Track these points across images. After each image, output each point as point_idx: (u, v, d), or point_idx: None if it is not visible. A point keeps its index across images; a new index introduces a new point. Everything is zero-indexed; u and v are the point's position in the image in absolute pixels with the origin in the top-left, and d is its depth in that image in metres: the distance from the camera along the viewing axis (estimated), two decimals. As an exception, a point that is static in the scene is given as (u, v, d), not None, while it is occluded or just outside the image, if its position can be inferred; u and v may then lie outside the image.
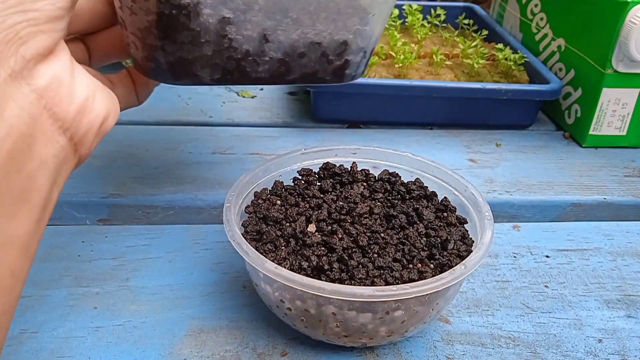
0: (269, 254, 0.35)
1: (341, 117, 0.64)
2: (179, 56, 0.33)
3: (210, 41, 0.33)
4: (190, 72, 0.34)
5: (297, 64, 0.36)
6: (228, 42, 0.33)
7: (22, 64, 0.24)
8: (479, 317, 0.40)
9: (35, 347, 0.35)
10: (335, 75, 0.37)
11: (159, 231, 0.47)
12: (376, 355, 0.36)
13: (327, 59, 0.36)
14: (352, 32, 0.36)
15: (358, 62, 0.38)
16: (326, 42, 0.35)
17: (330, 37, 0.35)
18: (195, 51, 0.33)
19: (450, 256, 0.36)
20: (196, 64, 0.34)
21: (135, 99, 0.38)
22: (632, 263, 0.46)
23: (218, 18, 0.32)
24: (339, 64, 0.37)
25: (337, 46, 0.36)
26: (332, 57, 0.36)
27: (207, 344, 0.36)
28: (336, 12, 0.35)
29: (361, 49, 0.37)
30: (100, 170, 0.53)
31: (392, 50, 0.66)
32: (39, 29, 0.24)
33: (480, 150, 0.60)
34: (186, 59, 0.33)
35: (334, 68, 0.37)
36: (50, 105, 0.25)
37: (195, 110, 0.66)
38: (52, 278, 0.41)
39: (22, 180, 0.25)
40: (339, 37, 0.35)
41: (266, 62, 0.35)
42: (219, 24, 0.33)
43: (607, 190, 0.54)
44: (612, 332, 0.39)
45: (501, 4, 0.82)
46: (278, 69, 0.35)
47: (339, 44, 0.36)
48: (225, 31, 0.33)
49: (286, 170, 0.43)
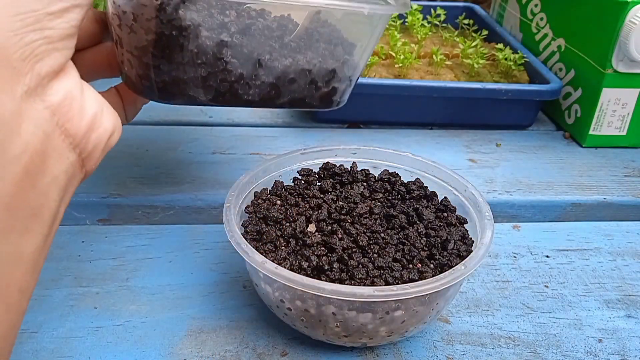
0: (269, 254, 0.35)
1: (341, 117, 0.64)
2: (174, 76, 0.34)
3: (206, 63, 0.34)
4: (183, 92, 0.35)
5: (287, 89, 0.37)
6: (223, 64, 0.34)
7: (37, 81, 0.24)
8: (479, 317, 0.40)
9: (35, 347, 0.35)
10: (322, 101, 0.38)
11: (158, 231, 0.47)
12: (376, 355, 0.36)
13: (315, 86, 0.37)
14: (340, 62, 0.37)
15: (344, 89, 0.39)
16: (316, 69, 0.36)
17: (320, 65, 0.36)
18: (190, 72, 0.34)
19: (450, 256, 0.36)
20: (190, 85, 0.34)
21: (123, 117, 0.38)
22: (632, 263, 0.46)
23: (216, 41, 0.33)
24: (326, 90, 0.38)
25: (326, 74, 0.37)
26: (321, 84, 0.37)
27: (207, 344, 0.36)
28: (324, 41, 0.36)
29: (347, 77, 0.38)
30: (100, 170, 0.52)
31: (392, 50, 0.66)
32: (54, 46, 0.25)
33: (480, 150, 0.60)
34: (181, 79, 0.34)
35: (322, 94, 0.38)
36: (62, 121, 0.26)
37: (195, 110, 0.66)
38: (52, 278, 0.41)
39: (37, 196, 0.25)
40: (328, 65, 0.37)
41: (258, 86, 0.36)
42: (217, 47, 0.33)
43: (607, 190, 0.54)
44: (612, 332, 0.39)
45: (501, 4, 0.82)
46: (269, 93, 0.36)
47: (328, 72, 0.37)
48: (222, 54, 0.33)
49: (286, 170, 0.43)
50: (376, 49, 0.68)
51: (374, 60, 0.63)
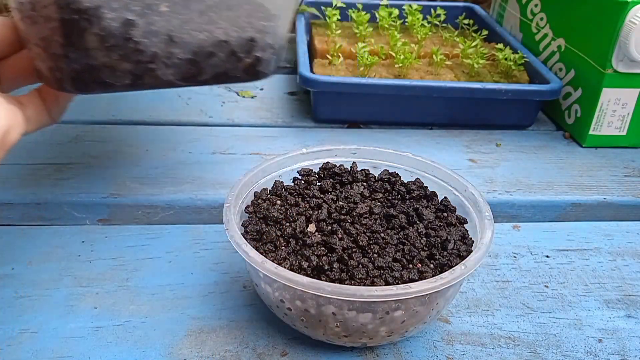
0: (269, 254, 0.35)
1: (341, 117, 0.64)
2: (84, 63, 0.32)
3: (115, 46, 0.32)
4: (98, 79, 0.33)
5: (208, 64, 0.36)
6: (134, 45, 0.33)
7: None
8: (479, 317, 0.40)
9: (35, 347, 0.35)
10: (247, 73, 0.38)
11: (158, 231, 0.47)
12: (376, 355, 0.36)
13: (236, 57, 0.36)
14: (257, 30, 0.36)
15: (268, 58, 0.38)
16: (233, 40, 0.35)
17: (236, 35, 0.35)
18: (100, 57, 0.32)
19: (450, 256, 0.36)
20: (103, 70, 0.33)
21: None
22: (632, 263, 0.46)
23: (121, 21, 0.32)
24: (249, 61, 0.37)
25: (245, 43, 0.36)
26: (242, 54, 0.36)
27: (207, 344, 0.36)
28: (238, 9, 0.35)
29: (269, 46, 0.37)
30: (100, 170, 0.53)
31: (392, 50, 0.66)
32: None
33: (480, 150, 0.60)
34: (92, 65, 0.33)
35: (245, 66, 0.37)
36: None
37: (195, 110, 0.66)
38: (52, 278, 0.41)
39: None
40: (246, 34, 0.36)
41: (176, 64, 0.34)
42: (123, 28, 0.32)
43: (607, 190, 0.54)
44: (612, 332, 0.39)
45: (501, 4, 0.82)
46: (189, 70, 0.35)
47: (247, 42, 0.36)
48: (130, 34, 0.32)
49: (286, 170, 0.43)
50: (376, 49, 0.68)
51: (374, 60, 0.63)
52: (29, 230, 0.46)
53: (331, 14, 0.73)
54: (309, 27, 0.79)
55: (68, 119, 0.61)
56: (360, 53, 0.63)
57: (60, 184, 0.50)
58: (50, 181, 0.50)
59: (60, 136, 0.58)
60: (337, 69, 0.64)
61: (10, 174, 0.51)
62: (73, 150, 0.56)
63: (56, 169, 0.52)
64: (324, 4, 0.80)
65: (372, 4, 0.82)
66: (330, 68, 0.65)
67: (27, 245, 0.44)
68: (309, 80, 0.59)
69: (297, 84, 0.66)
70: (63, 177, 0.51)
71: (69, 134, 0.58)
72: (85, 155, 0.55)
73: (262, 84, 0.73)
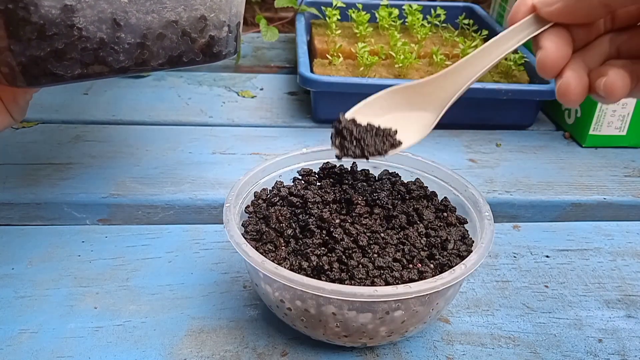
0: (269, 254, 0.35)
1: (341, 117, 0.64)
2: (29, 55, 0.31)
3: (59, 34, 0.31)
4: (46, 70, 0.32)
5: (160, 47, 0.35)
6: (78, 32, 0.32)
7: None
8: (479, 317, 0.40)
9: (35, 347, 0.35)
10: (205, 54, 0.37)
11: (158, 231, 0.47)
12: (376, 355, 0.36)
13: (190, 38, 0.35)
14: (207, 7, 0.35)
15: (225, 37, 0.37)
16: (183, 19, 0.34)
17: (185, 14, 0.34)
18: (45, 47, 0.31)
19: (450, 256, 0.36)
20: (50, 61, 0.32)
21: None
22: (632, 263, 0.46)
23: (60, 7, 0.31)
24: (203, 41, 0.36)
25: (196, 22, 0.35)
26: (195, 34, 0.35)
27: (207, 344, 0.36)
28: None
29: (223, 23, 0.36)
30: (100, 170, 0.53)
31: (392, 50, 0.66)
32: None
33: (480, 150, 0.60)
34: (38, 56, 0.32)
35: (201, 46, 0.36)
36: None
37: (195, 110, 0.66)
38: (52, 278, 0.41)
39: None
40: (195, 12, 0.34)
41: (125, 50, 0.33)
42: (63, 14, 0.31)
43: (607, 190, 0.54)
44: (612, 332, 0.39)
45: (501, 4, 0.82)
46: (141, 55, 0.34)
47: (197, 20, 0.35)
48: (72, 21, 0.31)
49: (286, 170, 0.43)
50: (376, 49, 0.68)
51: (374, 60, 0.63)
52: (28, 230, 0.46)
53: (331, 14, 0.73)
54: (309, 27, 0.79)
55: (68, 119, 0.62)
56: (360, 53, 0.63)
57: (60, 184, 0.50)
58: (50, 181, 0.50)
59: (60, 136, 0.58)
60: (337, 69, 0.64)
61: (10, 174, 0.51)
62: (73, 150, 0.56)
63: (56, 169, 0.52)
64: (324, 4, 0.80)
65: (372, 4, 0.82)
66: (330, 68, 0.65)
67: (27, 245, 0.44)
68: (309, 80, 0.59)
69: (297, 84, 0.66)
70: (63, 177, 0.51)
71: (69, 134, 0.58)
72: (85, 155, 0.55)
73: (262, 84, 0.73)
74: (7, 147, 0.56)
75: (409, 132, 0.38)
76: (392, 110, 0.38)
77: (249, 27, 1.02)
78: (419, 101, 0.37)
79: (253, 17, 1.07)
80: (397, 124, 0.38)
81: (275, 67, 0.80)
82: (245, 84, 0.73)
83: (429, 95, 0.37)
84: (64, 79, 0.33)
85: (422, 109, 0.37)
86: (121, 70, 0.34)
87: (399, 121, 0.38)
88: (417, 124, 0.38)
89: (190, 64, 0.36)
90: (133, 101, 0.66)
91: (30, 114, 0.62)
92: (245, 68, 0.79)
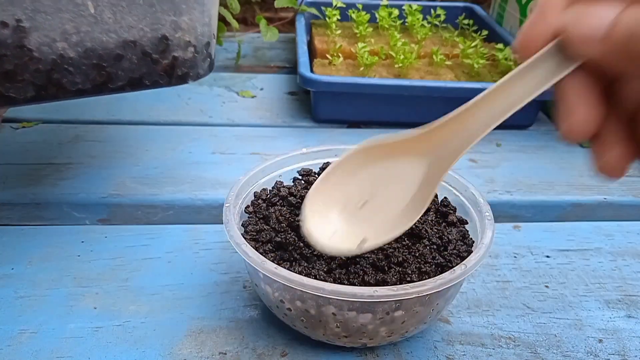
0: (269, 254, 0.35)
1: (341, 117, 0.64)
2: None
3: (8, 55, 0.30)
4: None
5: (119, 69, 0.33)
6: (29, 53, 0.30)
7: None
8: (479, 317, 0.40)
9: (35, 347, 0.35)
10: (169, 75, 0.34)
11: (158, 231, 0.47)
12: (376, 356, 0.36)
13: (151, 59, 0.33)
14: (167, 26, 0.33)
15: (191, 58, 0.35)
16: (143, 39, 0.33)
17: (144, 34, 0.32)
18: None
19: (451, 256, 0.36)
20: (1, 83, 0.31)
21: None
22: (633, 263, 0.46)
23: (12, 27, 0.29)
24: (167, 62, 0.34)
25: (157, 42, 0.33)
26: (156, 55, 0.33)
27: (207, 344, 0.36)
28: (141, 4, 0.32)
29: (188, 44, 0.34)
30: (100, 170, 0.52)
31: (392, 50, 0.66)
32: None
33: (480, 150, 0.60)
34: None
35: (164, 68, 0.34)
36: None
37: (195, 110, 0.66)
38: (52, 278, 0.41)
39: None
40: (155, 32, 0.33)
41: (81, 71, 0.32)
42: (14, 34, 0.30)
43: (607, 190, 0.54)
44: (612, 332, 0.39)
45: (501, 4, 0.82)
46: (98, 77, 0.32)
47: (159, 40, 0.33)
48: (22, 41, 0.30)
49: (286, 170, 0.43)
50: (376, 48, 0.68)
51: (374, 60, 0.63)
52: (28, 230, 0.46)
53: (331, 14, 0.73)
54: (309, 27, 0.79)
55: (68, 119, 0.62)
56: (360, 53, 0.63)
57: (60, 184, 0.50)
58: (50, 181, 0.50)
59: (60, 136, 0.58)
60: (337, 69, 0.64)
61: (10, 174, 0.51)
62: (73, 150, 0.56)
63: (56, 169, 0.52)
64: (324, 4, 0.80)
65: (372, 4, 0.82)
66: (330, 68, 0.65)
67: (27, 245, 0.44)
68: (309, 80, 0.59)
69: (297, 84, 0.66)
70: (63, 177, 0.51)
71: (69, 134, 0.58)
72: (85, 155, 0.55)
73: (262, 84, 0.73)
74: (7, 147, 0.55)
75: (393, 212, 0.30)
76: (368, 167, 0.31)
77: (249, 27, 1.03)
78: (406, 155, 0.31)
79: (253, 17, 1.07)
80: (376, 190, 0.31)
81: (275, 67, 0.80)
82: (245, 84, 0.73)
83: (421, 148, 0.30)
84: (17, 101, 0.32)
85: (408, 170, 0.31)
86: (78, 93, 0.33)
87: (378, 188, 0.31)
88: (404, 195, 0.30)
89: (154, 86, 0.35)
90: (133, 101, 0.66)
91: (30, 114, 0.62)
92: (245, 68, 0.79)
